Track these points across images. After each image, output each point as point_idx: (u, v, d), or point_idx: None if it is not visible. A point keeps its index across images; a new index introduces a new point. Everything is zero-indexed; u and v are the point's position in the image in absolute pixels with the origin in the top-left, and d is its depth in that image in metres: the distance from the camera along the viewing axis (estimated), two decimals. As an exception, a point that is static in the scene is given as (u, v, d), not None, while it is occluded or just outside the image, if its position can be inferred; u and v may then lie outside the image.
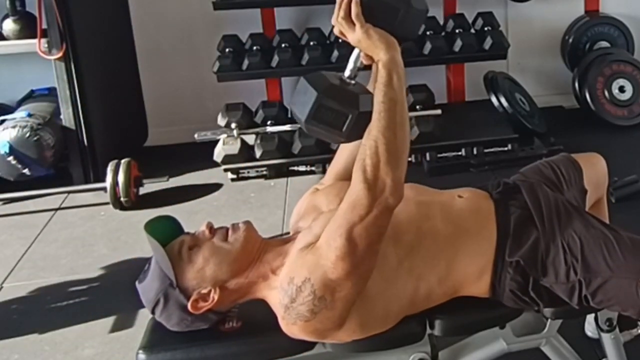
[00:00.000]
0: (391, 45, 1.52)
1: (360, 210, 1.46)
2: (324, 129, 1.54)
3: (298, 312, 1.50)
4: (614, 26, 4.55)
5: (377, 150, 1.46)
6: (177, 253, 1.59)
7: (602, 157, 2.12)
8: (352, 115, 1.51)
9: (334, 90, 1.54)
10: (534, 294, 1.67)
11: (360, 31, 1.52)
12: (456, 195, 1.77)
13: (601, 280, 1.65)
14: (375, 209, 1.46)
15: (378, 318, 1.57)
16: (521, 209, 1.74)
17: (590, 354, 2.11)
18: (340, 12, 1.53)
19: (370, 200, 1.45)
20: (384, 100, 1.48)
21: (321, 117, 1.52)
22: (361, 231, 1.46)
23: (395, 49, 1.52)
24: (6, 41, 3.68)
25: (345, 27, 1.53)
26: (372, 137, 1.47)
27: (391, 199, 1.46)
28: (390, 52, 1.51)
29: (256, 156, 3.80)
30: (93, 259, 3.11)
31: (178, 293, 1.56)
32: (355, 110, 1.52)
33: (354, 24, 1.52)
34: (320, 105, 1.51)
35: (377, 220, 1.46)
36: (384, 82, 1.50)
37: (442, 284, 1.63)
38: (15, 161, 3.52)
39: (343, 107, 1.52)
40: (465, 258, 1.65)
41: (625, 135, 4.19)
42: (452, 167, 3.83)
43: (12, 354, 2.51)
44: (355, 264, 1.47)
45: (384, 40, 1.51)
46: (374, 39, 1.51)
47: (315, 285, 1.48)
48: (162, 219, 1.70)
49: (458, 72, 4.43)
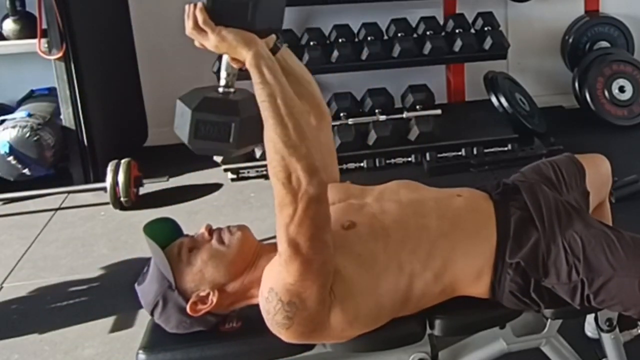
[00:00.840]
0: (250, 42, 1.47)
1: (287, 210, 1.43)
2: (212, 145, 1.50)
3: (277, 322, 1.51)
4: (614, 26, 4.55)
5: (277, 149, 1.42)
6: (177, 255, 1.59)
7: (606, 159, 2.10)
8: (234, 124, 1.47)
9: (210, 103, 1.50)
10: (535, 295, 1.66)
11: (213, 36, 1.47)
12: (455, 194, 1.77)
13: (604, 279, 1.64)
14: (300, 203, 1.42)
15: (368, 314, 1.56)
16: (521, 210, 1.74)
17: (590, 354, 2.10)
18: (189, 23, 1.48)
19: (291, 197, 1.42)
20: (263, 98, 1.44)
21: (203, 133, 1.47)
22: (296, 229, 1.43)
23: (255, 43, 1.47)
24: (6, 41, 3.68)
25: (199, 37, 1.49)
26: (268, 139, 1.44)
27: (310, 188, 1.42)
28: (251, 48, 1.46)
29: (256, 156, 3.80)
30: (93, 259, 3.11)
31: (177, 295, 1.56)
32: (236, 118, 1.48)
33: (205, 31, 1.47)
34: (198, 121, 1.47)
35: (306, 213, 1.42)
36: (257, 81, 1.45)
37: (438, 281, 1.62)
38: (15, 161, 3.53)
39: (223, 117, 1.48)
40: (463, 257, 1.64)
41: (625, 135, 4.19)
42: (452, 167, 3.83)
43: (12, 354, 2.51)
44: (305, 262, 1.45)
45: (241, 39, 1.47)
46: (230, 40, 1.47)
47: (280, 293, 1.49)
48: (161, 221, 1.70)
49: (458, 72, 4.44)
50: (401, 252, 1.59)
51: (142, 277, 1.62)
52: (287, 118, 1.43)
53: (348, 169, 3.81)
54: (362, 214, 1.65)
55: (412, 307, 1.62)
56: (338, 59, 4.05)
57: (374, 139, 3.88)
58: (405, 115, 4.03)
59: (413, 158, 3.89)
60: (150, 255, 1.61)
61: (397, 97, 4.16)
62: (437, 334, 1.69)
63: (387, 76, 4.25)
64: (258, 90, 1.45)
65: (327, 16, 4.29)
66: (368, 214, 1.65)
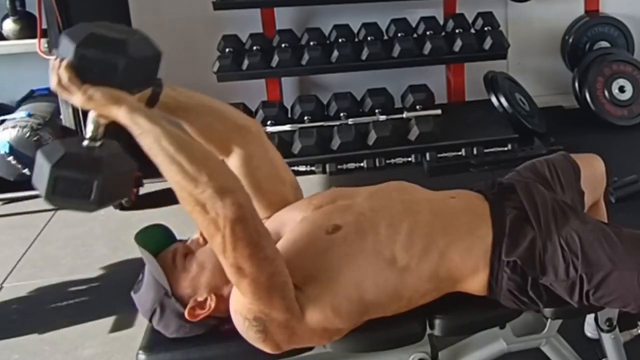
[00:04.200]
0: (118, 100, 1.42)
1: (216, 239, 1.41)
2: (71, 202, 1.43)
3: (251, 338, 1.52)
4: (614, 26, 4.55)
5: (181, 186, 1.40)
6: (171, 262, 1.59)
7: (601, 159, 2.10)
8: (97, 181, 1.41)
9: (72, 158, 1.42)
10: (533, 293, 1.66)
11: (79, 95, 1.42)
12: (449, 196, 1.76)
13: (603, 273, 1.63)
14: (224, 227, 1.39)
15: (351, 309, 1.54)
16: (517, 209, 1.73)
17: (590, 354, 2.11)
18: (53, 78, 1.44)
19: (213, 226, 1.39)
20: (149, 146, 1.40)
21: (62, 190, 1.40)
22: (232, 254, 1.41)
23: (123, 100, 1.42)
24: (6, 41, 3.68)
25: (64, 94, 1.44)
26: (169, 180, 1.41)
27: (227, 211, 1.38)
28: (120, 107, 1.41)
29: (256, 156, 3.80)
30: (93, 259, 3.11)
31: (174, 302, 1.56)
32: (99, 175, 1.41)
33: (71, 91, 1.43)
34: (57, 178, 1.39)
35: (234, 236, 1.39)
36: (137, 134, 1.41)
37: (434, 277, 1.61)
38: (15, 161, 3.52)
39: (84, 175, 1.41)
40: (459, 254, 1.63)
41: (625, 135, 4.19)
42: (452, 167, 3.83)
43: (12, 354, 2.51)
44: (251, 281, 1.44)
45: (108, 98, 1.42)
46: (97, 99, 1.42)
47: (243, 313, 1.50)
48: (152, 228, 1.69)
49: (458, 72, 4.44)
50: (392, 247, 1.58)
51: (137, 285, 1.62)
52: (178, 155, 1.39)
53: (348, 169, 3.81)
54: (348, 214, 1.63)
55: (406, 302, 1.61)
56: (338, 59, 4.05)
57: (374, 139, 3.87)
58: (405, 115, 4.03)
59: (413, 158, 3.89)
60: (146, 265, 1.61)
61: (397, 97, 4.17)
62: (437, 334, 1.69)
63: (387, 76, 4.25)
64: (142, 142, 1.41)
65: (327, 16, 4.29)
66: (356, 213, 1.63)
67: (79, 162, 1.43)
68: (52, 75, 1.45)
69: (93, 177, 1.41)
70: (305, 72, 4.23)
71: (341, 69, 4.10)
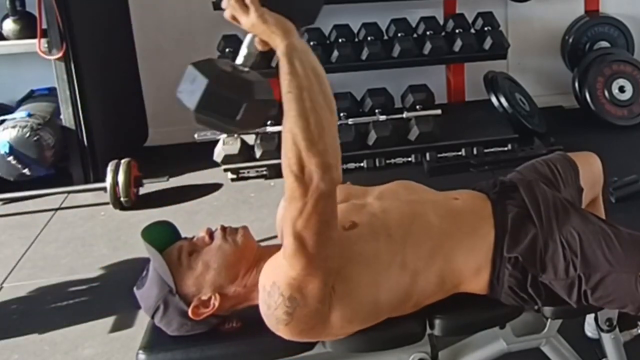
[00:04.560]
0: (288, 31, 1.43)
1: (296, 204, 1.42)
2: (216, 118, 1.45)
3: (276, 317, 1.51)
4: (614, 26, 4.55)
5: (295, 142, 1.40)
6: (176, 259, 1.58)
7: (598, 156, 2.13)
8: (246, 104, 1.43)
9: (226, 77, 1.46)
10: (533, 291, 1.67)
11: (255, 15, 1.41)
12: (452, 197, 1.78)
13: (600, 275, 1.65)
14: (310, 198, 1.41)
15: (367, 311, 1.56)
16: (518, 207, 1.75)
17: (590, 354, 2.11)
18: None
19: (302, 191, 1.41)
20: (290, 89, 1.40)
21: (212, 105, 1.43)
22: (303, 223, 1.43)
23: (293, 34, 1.44)
24: (6, 41, 3.68)
25: (238, 11, 1.43)
26: (287, 130, 1.41)
27: (322, 184, 1.40)
28: (288, 38, 1.42)
29: (256, 156, 3.80)
30: (93, 259, 3.11)
31: (178, 299, 1.56)
32: (249, 98, 1.44)
33: (248, 8, 1.42)
34: (212, 93, 1.42)
35: (315, 209, 1.41)
36: (286, 71, 1.41)
37: (440, 279, 1.63)
38: (15, 161, 3.52)
39: (236, 94, 1.44)
40: (463, 255, 1.65)
41: (625, 135, 4.19)
42: (452, 167, 3.83)
43: (12, 354, 2.51)
44: (309, 256, 1.45)
45: (281, 26, 1.42)
46: (270, 24, 1.42)
47: (281, 287, 1.49)
48: (159, 224, 1.69)
49: (458, 72, 4.44)
50: (404, 250, 1.59)
51: (140, 281, 1.62)
52: (310, 112, 1.40)
53: (348, 169, 3.81)
54: (363, 214, 1.65)
55: (413, 304, 1.63)
56: (338, 59, 4.05)
57: (374, 139, 3.87)
58: (405, 115, 4.02)
59: (413, 158, 3.89)
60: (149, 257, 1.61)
61: (397, 97, 4.16)
62: (437, 334, 1.69)
63: (387, 76, 4.25)
64: (285, 81, 1.41)
65: (327, 16, 4.26)
66: (369, 214, 1.65)
67: (233, 82, 1.46)
68: None
69: (243, 99, 1.44)
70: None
71: (341, 69, 4.10)
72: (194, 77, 1.44)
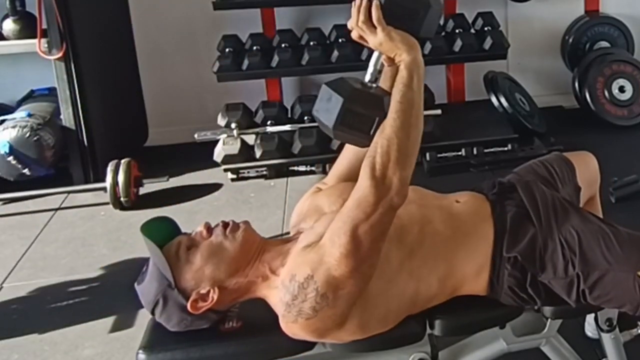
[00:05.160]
0: (413, 47, 1.54)
1: (366, 208, 1.46)
2: (352, 134, 1.55)
3: (300, 310, 1.50)
4: (614, 26, 4.55)
5: (389, 150, 1.47)
6: (175, 254, 1.58)
7: (594, 155, 2.14)
8: (378, 118, 1.53)
9: (358, 94, 1.55)
10: (532, 290, 1.67)
11: (382, 34, 1.53)
12: (454, 200, 1.78)
13: (599, 273, 1.65)
14: (381, 207, 1.46)
15: (379, 319, 1.57)
16: (517, 207, 1.75)
17: (590, 354, 2.11)
18: (360, 16, 1.55)
19: (376, 198, 1.46)
20: (402, 100, 1.50)
21: (348, 122, 1.53)
22: (366, 228, 1.46)
23: (417, 50, 1.54)
24: (6, 41, 3.68)
25: (366, 31, 1.55)
26: (385, 136, 1.48)
27: (396, 198, 1.47)
28: (413, 53, 1.53)
29: (256, 156, 3.80)
30: (93, 259, 3.11)
31: (177, 294, 1.56)
32: (381, 113, 1.53)
33: (375, 28, 1.53)
34: (347, 110, 1.52)
35: (382, 218, 1.47)
36: (404, 83, 1.51)
37: (442, 284, 1.64)
38: (15, 161, 3.53)
39: (369, 110, 1.53)
40: (464, 258, 1.66)
41: (625, 135, 4.19)
42: (452, 167, 3.83)
43: (12, 354, 2.51)
44: (359, 261, 1.47)
45: (406, 42, 1.53)
46: (396, 41, 1.53)
47: (319, 282, 1.48)
48: (159, 220, 1.69)
49: (458, 72, 4.43)
50: (412, 257, 1.60)
51: (141, 276, 1.62)
52: (413, 128, 1.50)
53: (348, 169, 3.81)
54: None
55: (417, 309, 1.64)
56: (338, 59, 4.04)
57: (374, 139, 3.87)
58: (405, 115, 4.02)
59: (413, 158, 3.88)
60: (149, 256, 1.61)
61: (397, 97, 4.16)
62: (437, 334, 1.69)
63: (387, 76, 4.25)
64: (400, 92, 1.51)
65: (327, 16, 4.28)
66: None
67: (365, 99, 1.55)
68: (355, 12, 1.57)
69: (376, 114, 1.53)
70: (305, 72, 4.22)
71: (341, 69, 4.08)
72: (329, 96, 1.55)
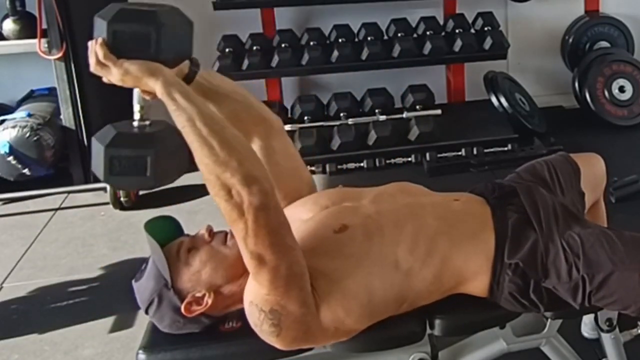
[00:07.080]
0: (155, 72, 1.45)
1: (238, 225, 1.42)
2: (129, 180, 1.48)
3: (265, 332, 1.51)
4: (614, 26, 4.55)
5: (209, 169, 1.41)
6: (175, 254, 1.58)
7: (601, 158, 2.10)
8: (150, 157, 1.45)
9: (123, 137, 1.48)
10: (535, 296, 1.65)
11: (116, 70, 1.46)
12: (452, 198, 1.77)
13: (604, 274, 1.63)
14: (247, 214, 1.41)
15: (360, 311, 1.55)
16: (518, 213, 1.73)
17: (590, 354, 2.11)
18: (92, 59, 1.48)
19: (237, 212, 1.41)
20: (183, 124, 1.42)
21: (119, 170, 1.45)
22: (253, 240, 1.42)
23: (160, 73, 1.46)
24: (6, 41, 3.68)
25: (102, 72, 1.48)
26: (198, 161, 1.43)
27: (252, 198, 1.40)
28: (158, 78, 1.45)
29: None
30: (93, 259, 3.11)
31: (172, 294, 1.56)
32: (151, 150, 1.46)
33: (107, 66, 1.46)
34: (112, 158, 1.45)
35: (257, 223, 1.41)
36: (172, 109, 1.43)
37: (437, 280, 1.62)
38: (15, 161, 3.52)
39: (137, 151, 1.46)
40: (462, 256, 1.63)
41: (625, 135, 4.19)
42: (452, 167, 3.83)
43: (12, 354, 2.51)
44: (271, 270, 1.44)
45: (146, 70, 1.45)
46: (134, 72, 1.45)
47: (259, 304, 1.48)
48: (163, 219, 1.70)
49: (458, 72, 4.44)
50: (397, 250, 1.58)
51: (139, 273, 1.62)
52: (211, 137, 1.41)
53: (348, 169, 3.81)
54: (356, 216, 1.64)
55: (410, 303, 1.62)
56: (338, 59, 4.05)
57: (374, 139, 3.87)
58: (405, 115, 4.03)
59: (413, 158, 3.89)
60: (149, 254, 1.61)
61: (397, 97, 4.17)
62: (437, 334, 1.69)
63: (387, 76, 4.25)
64: (176, 118, 1.43)
65: (327, 16, 4.29)
66: (362, 215, 1.64)
67: (131, 140, 1.48)
68: (90, 57, 1.48)
69: (146, 153, 1.46)
70: (305, 72, 4.23)
71: (341, 69, 4.10)
72: (96, 148, 1.47)
